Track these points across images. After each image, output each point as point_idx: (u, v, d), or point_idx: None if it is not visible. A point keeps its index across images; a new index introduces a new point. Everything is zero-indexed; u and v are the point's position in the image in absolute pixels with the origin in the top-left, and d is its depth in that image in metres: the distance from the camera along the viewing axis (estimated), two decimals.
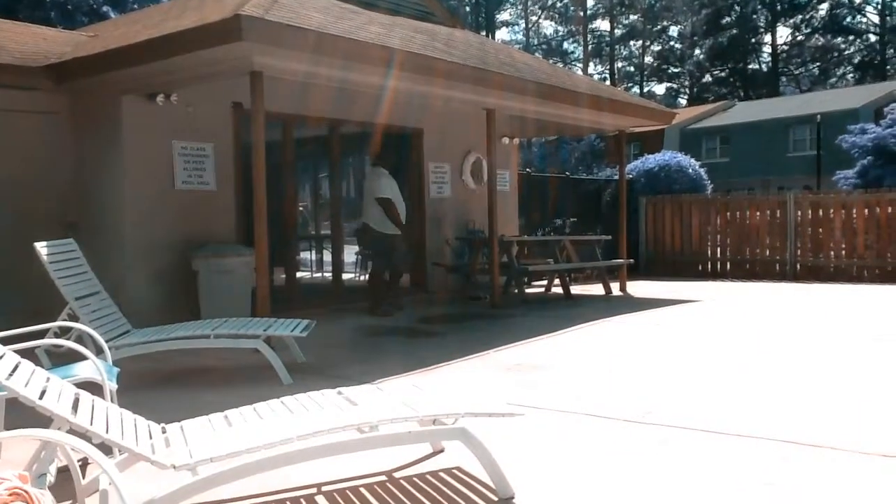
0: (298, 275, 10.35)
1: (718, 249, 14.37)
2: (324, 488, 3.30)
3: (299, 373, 5.58)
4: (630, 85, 61.61)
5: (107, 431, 2.80)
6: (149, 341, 5.41)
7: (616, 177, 13.89)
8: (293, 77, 7.35)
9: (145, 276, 7.90)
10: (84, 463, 3.33)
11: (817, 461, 3.53)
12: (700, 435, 3.99)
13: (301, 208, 12.42)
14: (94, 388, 3.32)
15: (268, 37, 6.20)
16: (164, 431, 3.17)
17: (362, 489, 3.29)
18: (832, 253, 13.21)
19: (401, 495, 3.22)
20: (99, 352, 4.23)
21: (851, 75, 55.83)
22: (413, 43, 8.13)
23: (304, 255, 12.15)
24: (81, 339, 4.92)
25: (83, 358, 3.62)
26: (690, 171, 15.63)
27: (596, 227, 14.51)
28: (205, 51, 6.44)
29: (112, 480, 2.30)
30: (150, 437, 3.06)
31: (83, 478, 3.14)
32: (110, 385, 3.57)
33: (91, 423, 2.78)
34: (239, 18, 5.94)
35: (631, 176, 15.10)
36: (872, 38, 55.92)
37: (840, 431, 3.99)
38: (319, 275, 11.76)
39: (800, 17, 56.69)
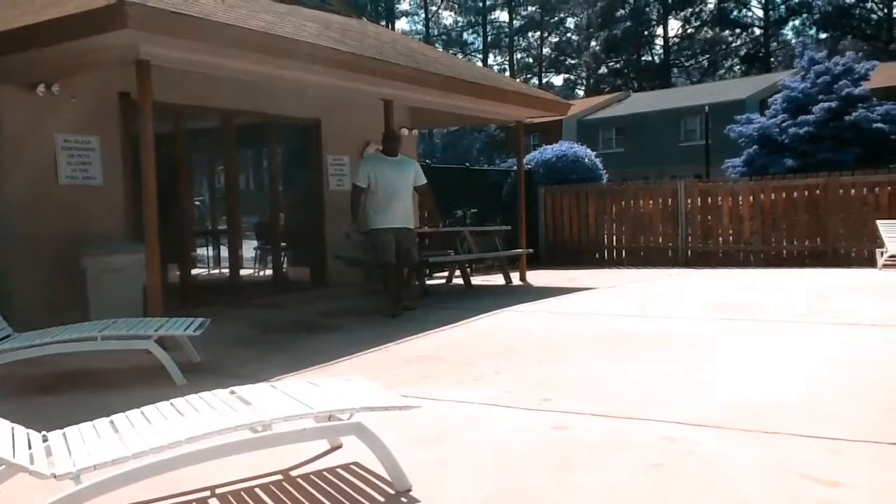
0: (195, 272, 10.08)
1: (615, 238, 14.76)
2: (217, 490, 3.22)
3: (194, 373, 5.43)
4: (529, 76, 62.55)
5: None
6: (31, 346, 5.14)
7: (516, 167, 14.07)
8: (183, 66, 7.11)
9: (28, 276, 7.54)
10: None
11: (704, 439, 3.66)
12: (595, 419, 4.09)
13: (197, 203, 12.08)
14: None
15: (153, 24, 5.99)
16: (45, 440, 3.03)
17: (257, 489, 3.23)
18: (721, 239, 13.76)
19: (297, 494, 3.17)
20: None
21: (738, 67, 58.25)
22: (306, 32, 8.01)
23: (201, 251, 11.83)
24: None
25: None
26: (587, 161, 15.99)
27: (496, 217, 14.65)
28: (87, 39, 6.19)
29: None
30: (30, 447, 2.91)
31: None
32: None
33: None
34: (122, 4, 5.71)
35: (530, 167, 15.33)
36: (757, 31, 58.44)
37: (716, 410, 4.15)
38: (217, 271, 11.49)
39: (689, 10, 58.76)
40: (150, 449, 2.76)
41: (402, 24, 64.86)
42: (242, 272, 10.36)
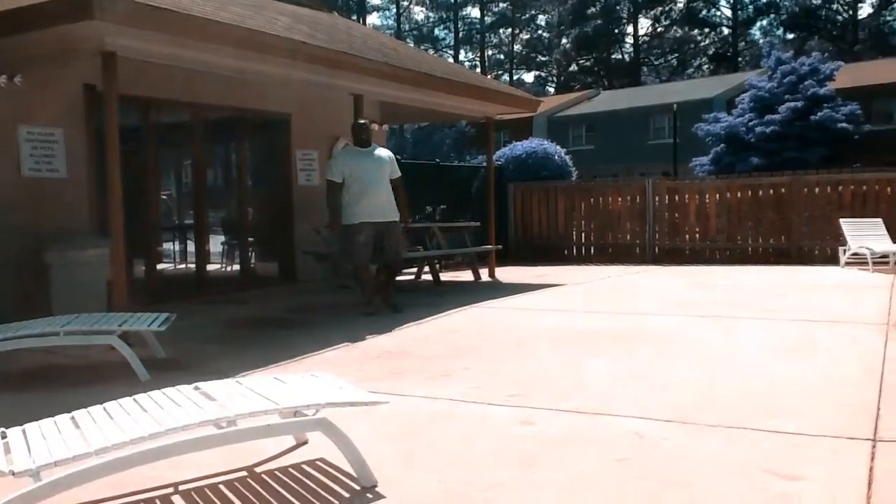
0: (162, 267, 9.97)
1: (583, 234, 14.85)
2: (181, 487, 3.19)
3: (159, 369, 5.37)
4: (500, 73, 62.68)
5: None
6: None
7: (486, 164, 14.08)
8: (151, 59, 7.02)
9: None
10: None
11: (670, 434, 3.70)
12: (562, 415, 4.10)
13: (164, 197, 11.95)
14: None
15: (121, 15, 5.89)
16: (3, 437, 2.98)
17: (221, 486, 3.20)
18: (687, 236, 13.91)
19: (261, 490, 3.15)
20: None
21: (707, 66, 58.84)
22: (277, 25, 7.95)
23: (168, 245, 11.70)
24: None
25: None
26: (556, 157, 16.04)
27: (466, 213, 14.65)
28: (51, 29, 6.08)
29: None
30: None
31: None
32: None
33: None
34: None
35: (500, 163, 15.35)
36: (726, 31, 59.05)
37: (683, 405, 4.19)
38: (184, 266, 11.37)
39: (659, 9, 59.20)
40: (112, 445, 2.73)
41: (373, 18, 64.81)
42: (210, 267, 10.27)
